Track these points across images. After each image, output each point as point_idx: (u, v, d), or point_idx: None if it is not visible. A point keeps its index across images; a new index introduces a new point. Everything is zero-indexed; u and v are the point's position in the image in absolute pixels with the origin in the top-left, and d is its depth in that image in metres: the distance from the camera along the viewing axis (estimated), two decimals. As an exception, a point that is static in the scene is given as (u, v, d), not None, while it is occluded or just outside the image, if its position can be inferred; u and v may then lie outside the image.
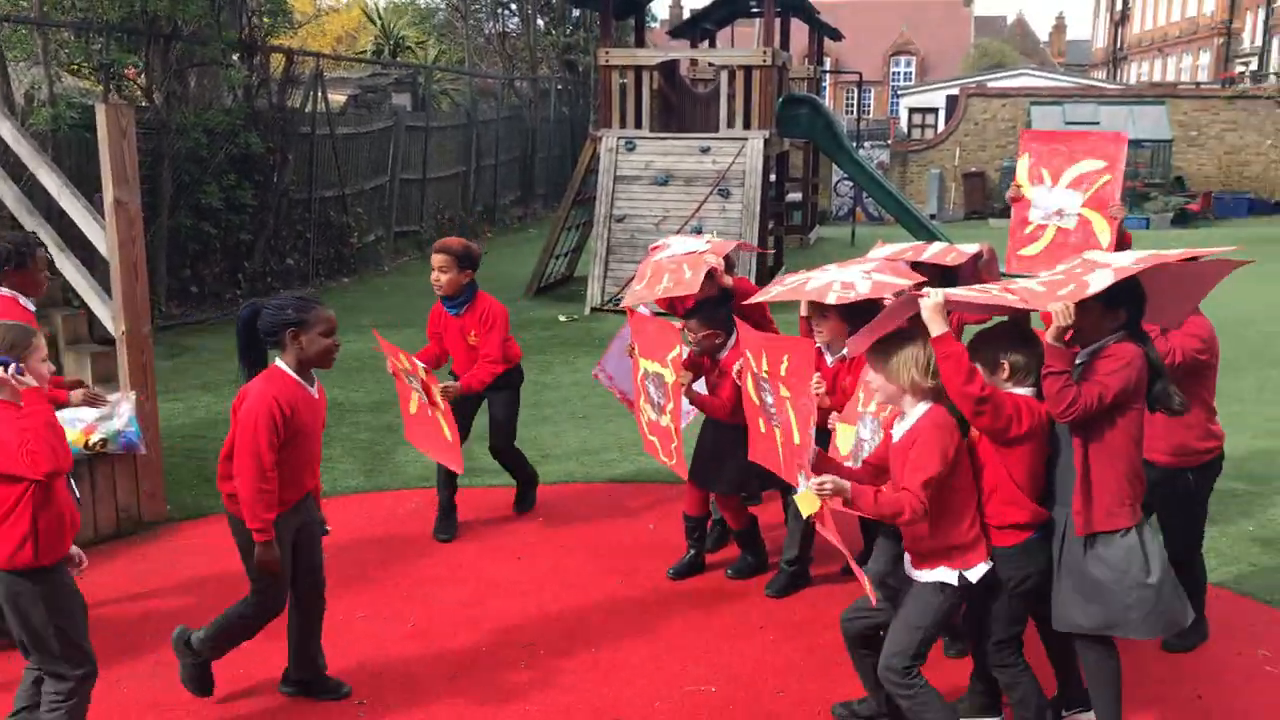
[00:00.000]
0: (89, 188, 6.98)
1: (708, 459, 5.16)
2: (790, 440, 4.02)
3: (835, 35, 19.86)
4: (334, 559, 5.50)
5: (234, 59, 12.71)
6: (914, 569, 3.61)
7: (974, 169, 25.43)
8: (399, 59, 23.50)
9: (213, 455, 6.36)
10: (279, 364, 3.92)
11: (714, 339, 5.06)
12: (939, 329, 3.34)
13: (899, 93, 40.88)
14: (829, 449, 4.23)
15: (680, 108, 14.54)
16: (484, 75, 24.17)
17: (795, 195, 19.03)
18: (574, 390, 8.85)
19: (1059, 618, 3.58)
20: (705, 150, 12.70)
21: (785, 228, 16.91)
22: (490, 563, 5.50)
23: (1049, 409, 3.39)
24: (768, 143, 12.77)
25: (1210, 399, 4.24)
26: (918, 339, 3.46)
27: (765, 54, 12.82)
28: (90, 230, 5.94)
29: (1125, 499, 3.46)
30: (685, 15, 24.92)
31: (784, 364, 4.21)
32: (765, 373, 4.35)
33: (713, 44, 17.90)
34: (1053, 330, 3.31)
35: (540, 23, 26.55)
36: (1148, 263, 3.30)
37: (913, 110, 32.90)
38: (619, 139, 12.91)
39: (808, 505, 3.53)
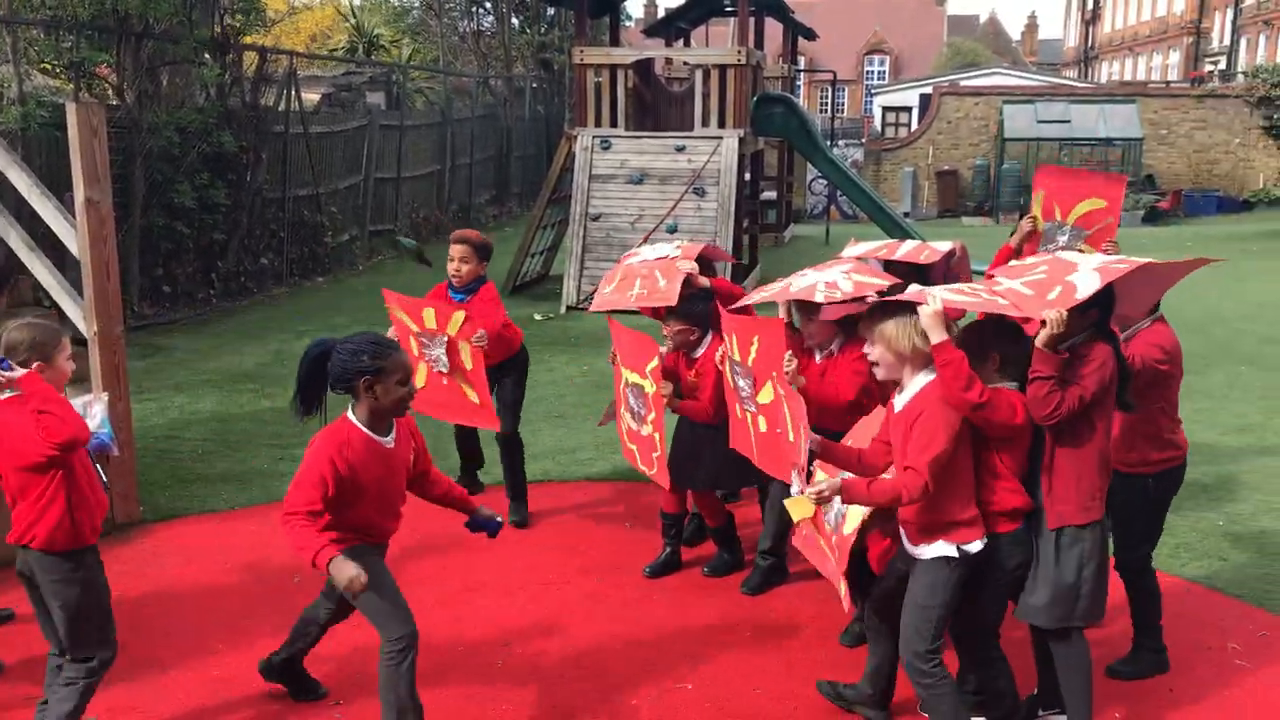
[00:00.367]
0: (60, 187, 6.92)
1: (684, 457, 5.17)
2: (783, 438, 4.04)
3: (809, 34, 19.93)
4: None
5: (206, 57, 12.62)
6: (914, 545, 3.60)
7: (947, 167, 25.58)
8: (373, 57, 23.38)
9: (186, 456, 6.32)
10: (349, 416, 3.58)
11: (688, 334, 5.07)
12: (938, 336, 3.36)
13: (873, 91, 41.05)
14: None
15: (655, 106, 14.56)
16: (459, 74, 24.10)
17: (770, 194, 19.09)
18: (550, 389, 8.84)
19: (1023, 607, 3.64)
20: (680, 149, 12.72)
21: (760, 226, 16.95)
22: (467, 562, 5.49)
23: (1033, 412, 3.43)
24: (743, 141, 12.80)
25: (1172, 409, 4.19)
26: (911, 308, 3.47)
27: (740, 53, 12.85)
28: (61, 230, 5.88)
29: (1097, 493, 3.55)
30: (660, 14, 24.95)
31: (754, 345, 4.23)
32: (738, 356, 4.37)
33: (687, 43, 17.93)
34: (1045, 337, 3.35)
35: (515, 21, 26.51)
36: (1134, 264, 3.37)
37: (886, 109, 33.06)
38: (594, 138, 12.91)
39: (799, 510, 3.53)
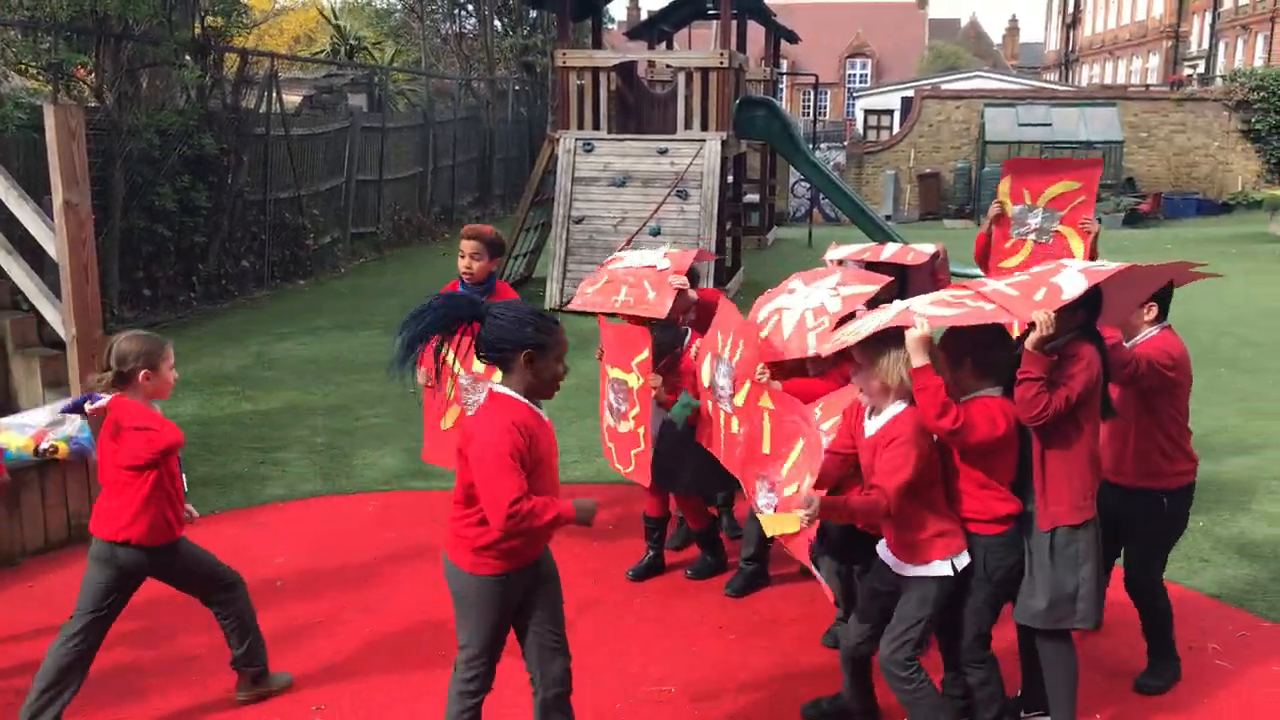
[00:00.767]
0: (38, 189, 6.87)
1: (666, 459, 5.17)
2: (756, 447, 4.02)
3: (792, 37, 19.97)
4: (292, 565, 5.47)
5: (187, 59, 12.55)
6: (906, 565, 3.59)
7: (929, 170, 25.67)
8: (355, 59, 23.32)
9: (167, 460, 6.24)
10: (503, 389, 3.35)
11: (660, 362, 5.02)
12: (920, 361, 3.37)
13: (855, 94, 41.14)
14: None
15: (638, 109, 14.56)
16: (441, 76, 24.06)
17: (753, 196, 19.11)
18: (533, 392, 8.82)
19: (1021, 610, 3.64)
20: (663, 151, 12.72)
21: (743, 229, 16.97)
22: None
23: (1020, 413, 3.44)
24: (725, 144, 12.81)
25: (1182, 419, 4.10)
26: (903, 339, 3.47)
27: (722, 56, 12.87)
28: (39, 233, 5.84)
29: (1089, 492, 3.55)
30: (643, 17, 24.97)
31: (740, 348, 4.23)
32: (726, 354, 4.35)
33: (670, 46, 17.93)
34: (1034, 339, 3.36)
35: (497, 24, 26.49)
36: (1120, 267, 3.38)
37: (868, 112, 33.13)
38: (577, 140, 12.90)
39: (775, 527, 3.52)
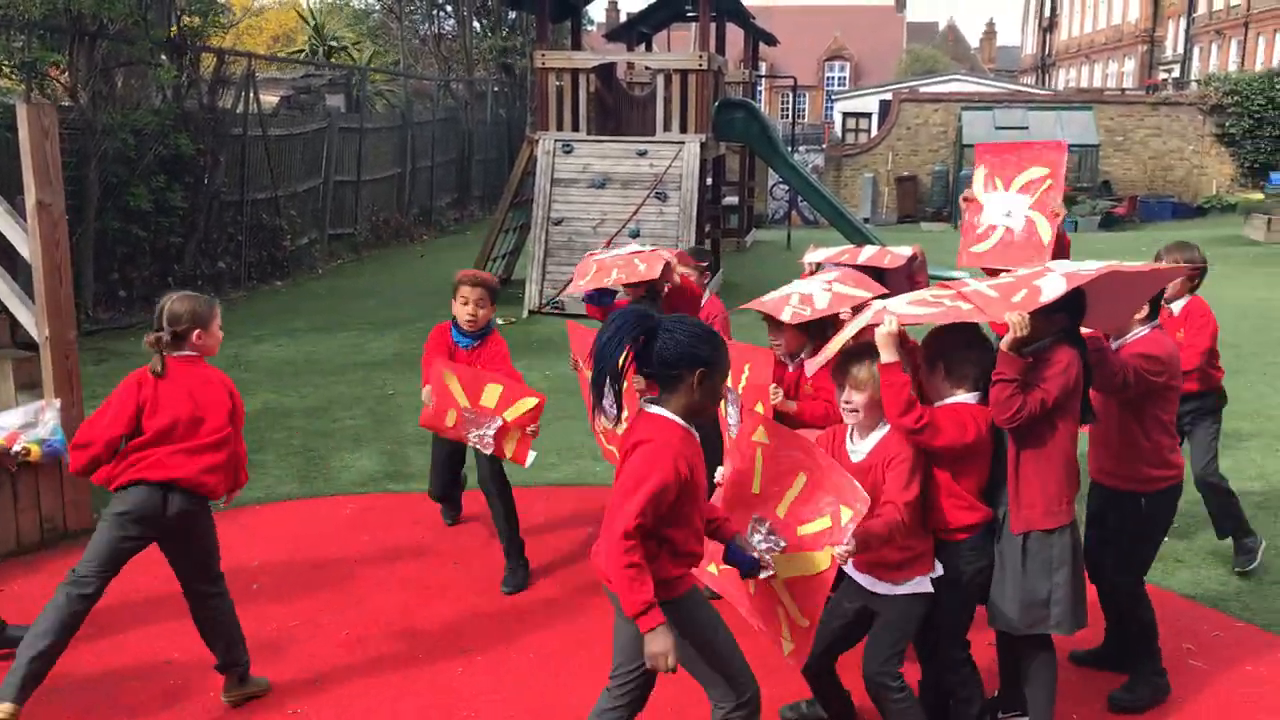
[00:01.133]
0: (10, 189, 6.80)
1: None
2: (743, 484, 4.00)
3: (770, 40, 20.03)
4: (269, 568, 5.43)
5: (163, 58, 12.47)
6: (884, 582, 3.57)
7: (907, 173, 25.77)
8: (333, 60, 23.22)
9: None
10: (660, 411, 3.06)
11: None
12: (889, 357, 3.37)
13: (833, 97, 41.26)
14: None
15: (617, 111, 14.56)
16: (420, 77, 23.99)
17: (731, 199, 19.14)
18: (511, 394, 8.80)
19: (993, 614, 3.64)
20: (642, 153, 12.72)
21: (722, 231, 17.00)
22: (427, 569, 5.45)
23: (994, 414, 3.43)
24: (704, 146, 12.82)
25: (1170, 424, 4.02)
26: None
27: (701, 58, 12.88)
28: (12, 233, 5.78)
29: (1065, 497, 3.54)
30: (622, 19, 24.96)
31: (744, 373, 4.25)
32: (729, 382, 4.36)
33: (649, 48, 17.95)
34: (1008, 340, 3.35)
35: (476, 25, 26.44)
36: (1102, 271, 3.37)
37: (847, 115, 33.23)
38: (556, 141, 12.89)
39: (790, 568, 3.37)
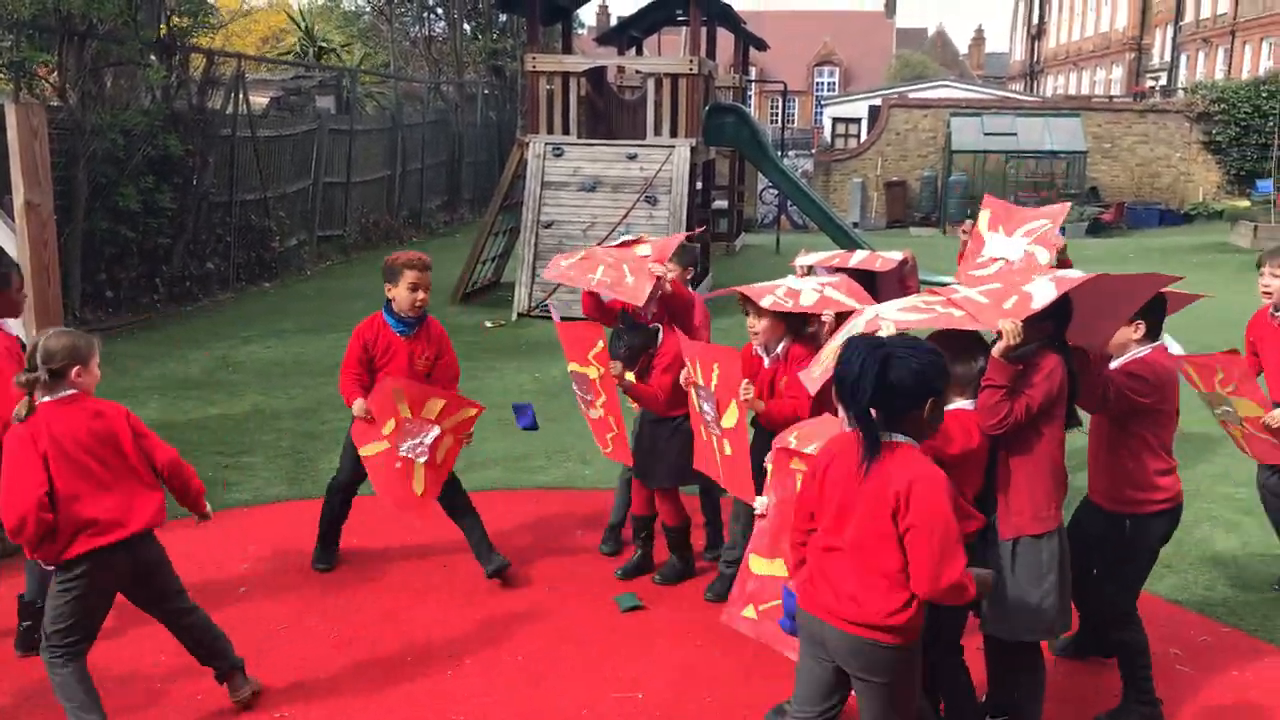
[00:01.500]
0: (-1, 189, 6.78)
1: (646, 454, 5.18)
2: (743, 464, 4.04)
3: (760, 45, 20.05)
4: (258, 570, 5.41)
5: (152, 58, 12.43)
6: None
7: (896, 179, 25.83)
8: (323, 61, 23.19)
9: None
10: (907, 440, 2.98)
11: (634, 363, 5.08)
12: None
13: (823, 103, 41.30)
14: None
15: (608, 114, 14.56)
16: (410, 79, 23.96)
17: (721, 203, 19.17)
18: (500, 397, 8.80)
19: (984, 620, 3.66)
20: (633, 157, 12.73)
21: (711, 235, 17.02)
22: (415, 571, 5.44)
23: (981, 420, 3.44)
24: (694, 150, 12.85)
25: (1158, 445, 3.91)
26: None
27: (692, 62, 12.90)
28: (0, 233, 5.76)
29: (1054, 502, 3.55)
30: (613, 22, 24.97)
31: (714, 371, 4.27)
32: (701, 380, 4.40)
33: (640, 52, 17.96)
34: (1000, 347, 3.36)
35: (467, 27, 26.42)
36: (1090, 277, 3.40)
37: (836, 120, 33.28)
38: (546, 145, 12.88)
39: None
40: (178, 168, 12.43)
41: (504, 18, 26.10)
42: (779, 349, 4.59)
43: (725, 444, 4.39)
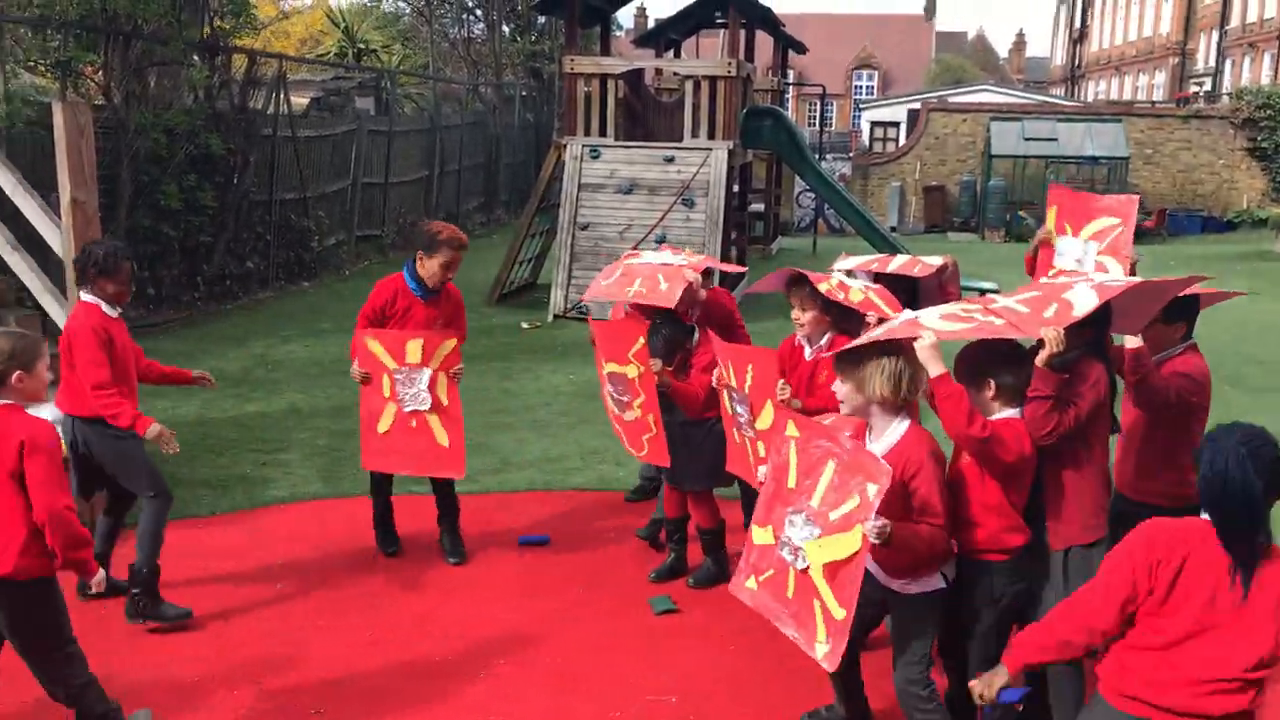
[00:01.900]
0: (44, 187, 6.87)
1: (678, 456, 5.17)
2: (782, 481, 3.99)
3: (799, 48, 19.97)
4: (294, 567, 5.45)
5: (195, 59, 12.58)
6: (897, 581, 3.54)
7: (934, 183, 25.65)
8: (363, 62, 23.35)
9: (168, 460, 6.25)
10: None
11: (672, 360, 5.08)
12: (936, 370, 3.34)
13: (861, 106, 41.14)
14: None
15: (645, 117, 14.56)
16: (448, 80, 24.09)
17: (758, 206, 19.12)
18: (536, 398, 8.82)
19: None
20: (670, 159, 12.72)
21: (748, 238, 16.98)
22: (450, 571, 5.46)
23: (1030, 431, 3.39)
24: (731, 153, 12.81)
25: (1195, 441, 4.08)
26: (891, 350, 3.42)
27: (730, 65, 12.87)
28: (46, 230, 5.85)
29: (1101, 511, 3.51)
30: (651, 25, 24.99)
31: (748, 373, 4.26)
32: (734, 383, 4.39)
33: (678, 54, 17.95)
34: (1044, 356, 3.31)
35: (505, 29, 26.50)
36: (1133, 283, 3.35)
37: (874, 124, 33.10)
38: (583, 147, 12.90)
39: (827, 552, 3.27)
40: (219, 167, 12.56)
41: (543, 20, 26.15)
42: (823, 341, 4.58)
43: (760, 446, 4.37)
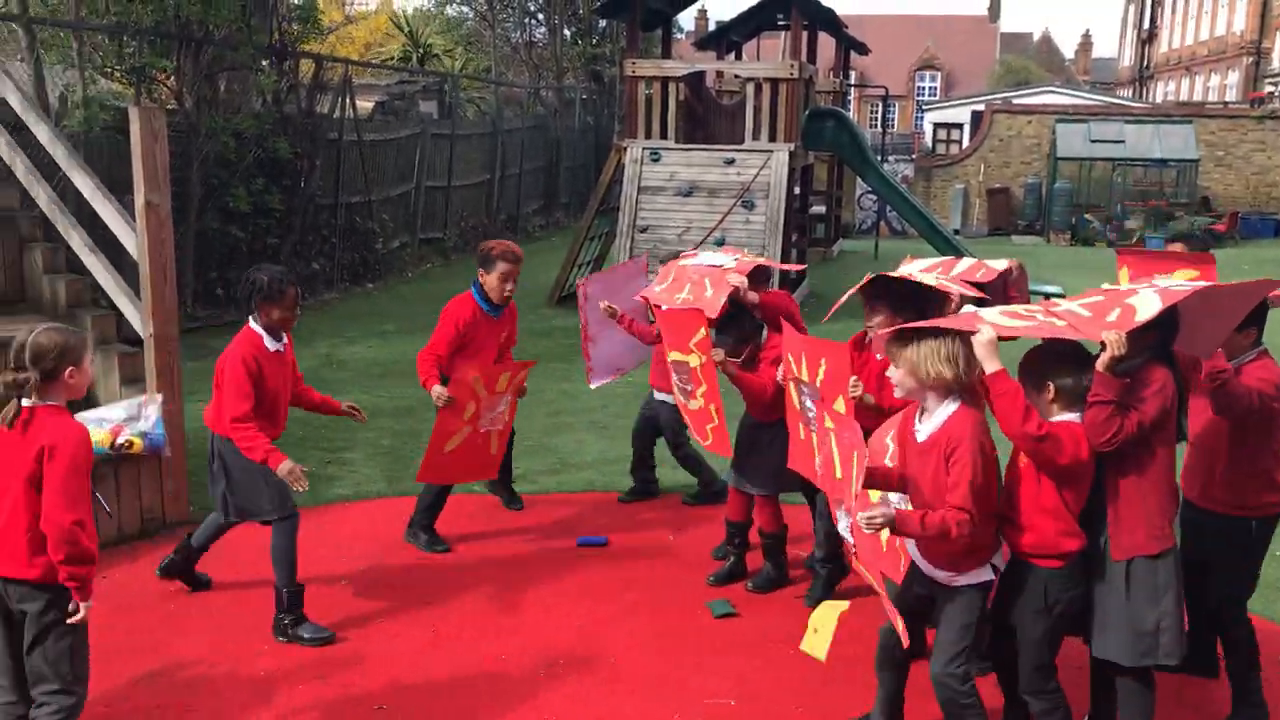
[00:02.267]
0: (119, 190, 7.04)
1: (744, 458, 5.16)
2: (830, 470, 3.99)
3: (861, 49, 19.85)
4: (357, 565, 5.53)
5: (264, 64, 12.81)
6: (946, 571, 3.52)
7: (998, 185, 25.32)
8: (426, 67, 23.60)
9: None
10: None
11: (737, 353, 5.08)
12: (993, 366, 3.30)
13: (924, 108, 40.74)
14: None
15: (705, 119, 14.55)
16: (510, 84, 24.26)
17: (819, 208, 19.02)
18: (594, 399, 8.85)
19: (1099, 645, 3.54)
20: (730, 162, 12.70)
21: (809, 240, 16.90)
22: (512, 572, 5.50)
23: (1090, 437, 3.33)
24: (793, 155, 12.76)
25: (1276, 448, 3.94)
26: (943, 331, 3.39)
27: (792, 67, 12.83)
28: (121, 232, 5.98)
29: (1168, 521, 3.45)
30: (712, 27, 24.94)
31: (821, 367, 4.21)
32: (805, 376, 4.35)
33: (739, 56, 17.93)
34: (1105, 359, 3.25)
35: (567, 33, 26.63)
36: (1198, 287, 3.27)
37: (937, 125, 32.77)
38: (644, 149, 12.93)
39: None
40: (286, 170, 12.77)
41: (604, 23, 26.25)
42: None
43: (832, 439, 4.32)
